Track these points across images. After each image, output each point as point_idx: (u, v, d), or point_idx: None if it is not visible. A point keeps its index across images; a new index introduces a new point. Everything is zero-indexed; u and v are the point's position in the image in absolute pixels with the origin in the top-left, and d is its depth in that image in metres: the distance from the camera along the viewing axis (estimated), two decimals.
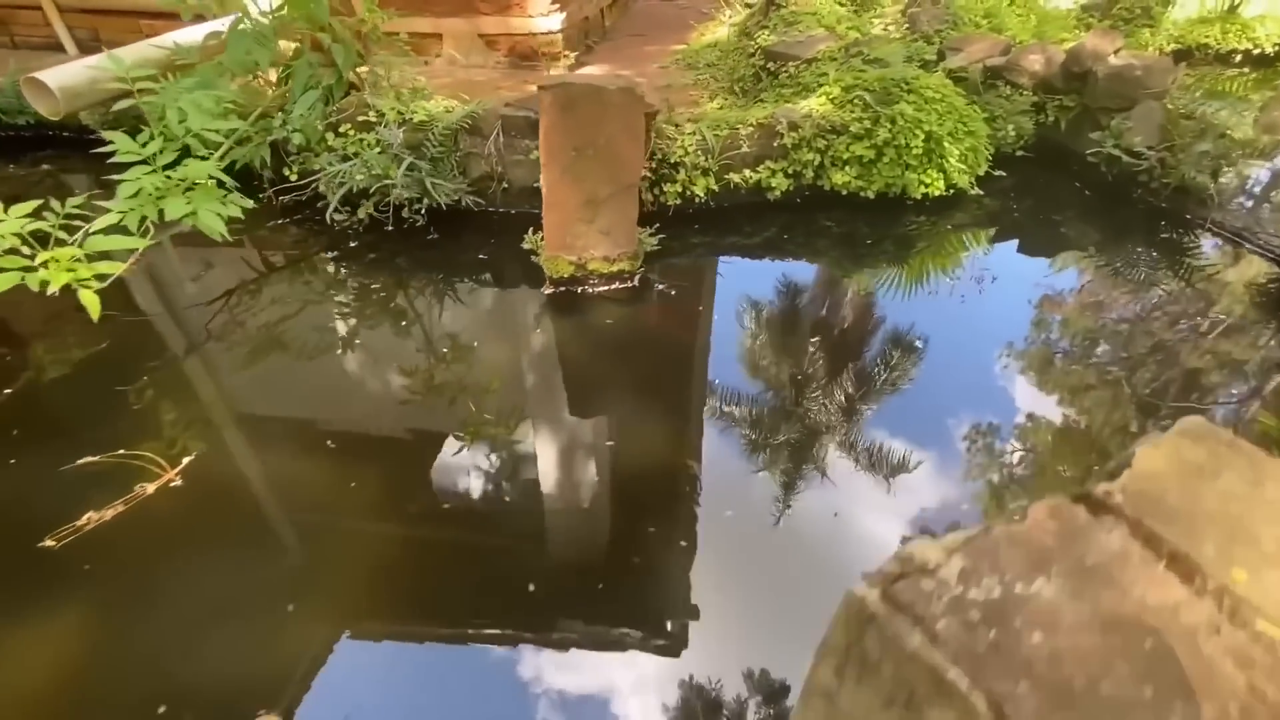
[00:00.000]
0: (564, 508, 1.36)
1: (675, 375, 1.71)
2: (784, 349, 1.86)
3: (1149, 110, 2.24)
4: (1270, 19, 4.40)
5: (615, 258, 1.77)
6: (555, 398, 1.62)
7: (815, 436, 1.54)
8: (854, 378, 1.70)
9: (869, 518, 1.34)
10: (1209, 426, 0.37)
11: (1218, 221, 2.12)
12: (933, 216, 2.30)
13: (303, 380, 1.62)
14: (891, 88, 2.19)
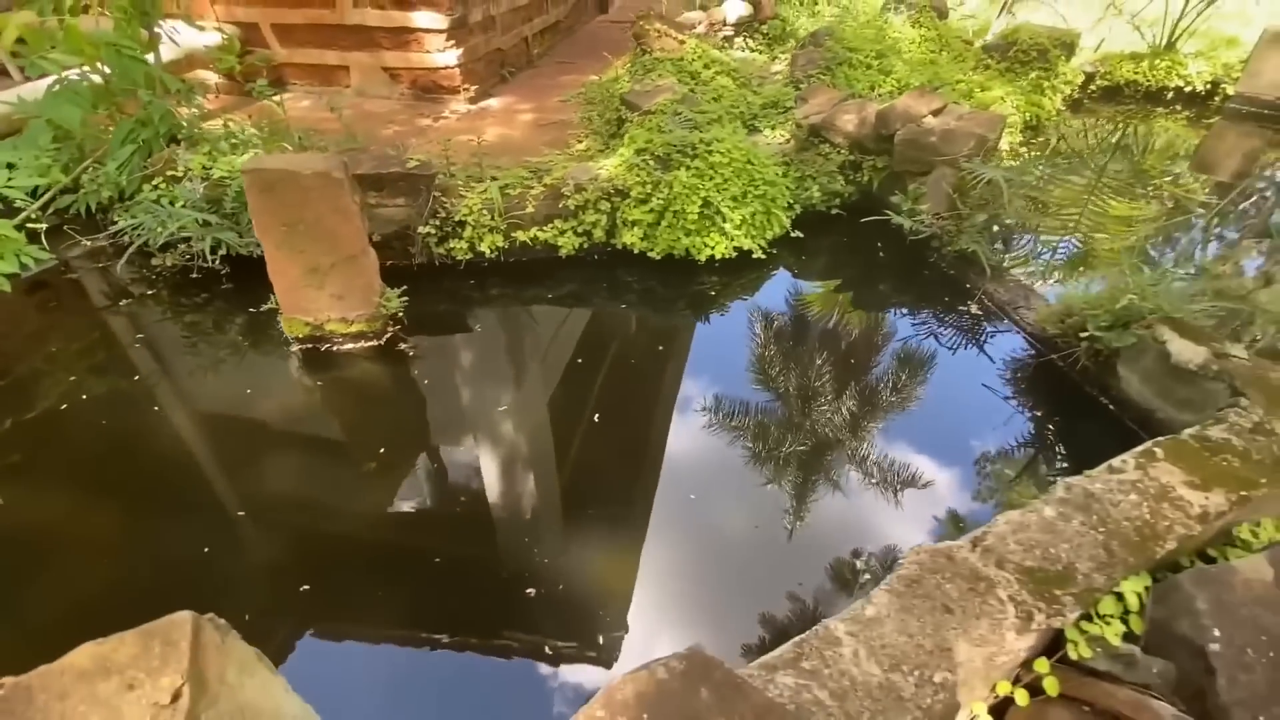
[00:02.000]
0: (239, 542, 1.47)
1: (400, 430, 1.81)
2: (537, 401, 1.95)
3: (941, 177, 2.24)
4: (1202, 57, 4.25)
5: (352, 319, 1.88)
6: (265, 447, 1.74)
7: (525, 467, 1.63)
8: (621, 435, 1.78)
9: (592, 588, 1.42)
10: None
11: (989, 293, 2.12)
12: (725, 277, 2.35)
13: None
14: (673, 153, 2.24)
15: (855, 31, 3.85)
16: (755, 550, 1.49)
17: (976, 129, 2.38)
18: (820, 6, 4.49)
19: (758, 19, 4.11)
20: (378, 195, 2.15)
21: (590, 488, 1.69)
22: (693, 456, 1.76)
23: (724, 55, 3.45)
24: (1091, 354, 1.73)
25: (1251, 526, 1.28)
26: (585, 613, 1.33)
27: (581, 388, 1.99)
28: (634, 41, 3.41)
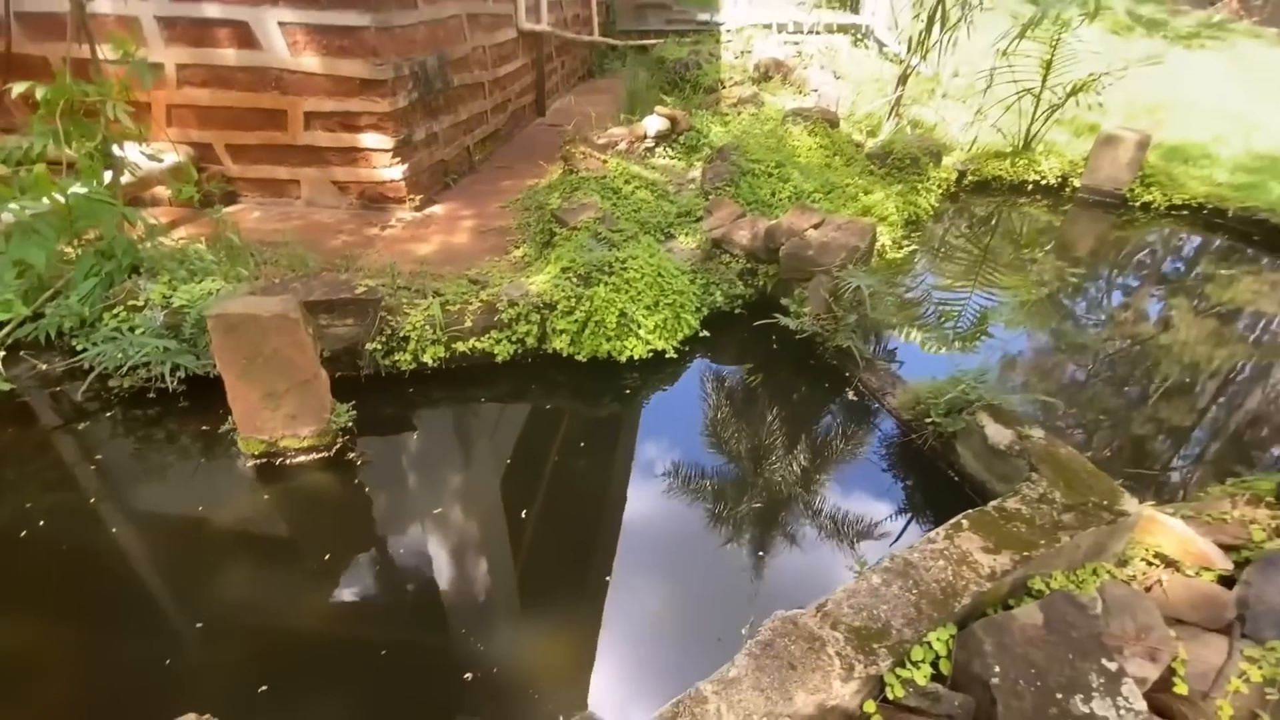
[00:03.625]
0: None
1: (349, 533, 2.01)
2: (488, 496, 2.18)
3: (819, 284, 2.66)
4: (1054, 155, 5.01)
5: (305, 436, 2.10)
6: (223, 558, 1.91)
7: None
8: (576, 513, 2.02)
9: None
10: None
11: (864, 381, 2.51)
12: (644, 373, 2.68)
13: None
14: (593, 272, 2.61)
15: (759, 142, 4.43)
16: (691, 617, 1.74)
17: (849, 240, 2.84)
18: (731, 118, 5.10)
19: (675, 131, 4.65)
20: (329, 318, 2.41)
21: (538, 573, 1.92)
22: (635, 530, 2.02)
23: (644, 170, 3.92)
24: (936, 435, 2.11)
25: (1044, 578, 1.62)
26: (541, 697, 1.53)
27: (522, 478, 2.25)
28: (563, 162, 3.84)
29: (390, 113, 3.79)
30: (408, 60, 3.89)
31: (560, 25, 6.91)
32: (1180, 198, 4.50)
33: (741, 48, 7.55)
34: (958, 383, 2.07)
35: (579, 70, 8.14)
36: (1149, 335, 3.38)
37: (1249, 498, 1.93)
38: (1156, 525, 1.74)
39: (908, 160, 4.26)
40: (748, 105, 5.34)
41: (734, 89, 5.81)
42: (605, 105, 6.75)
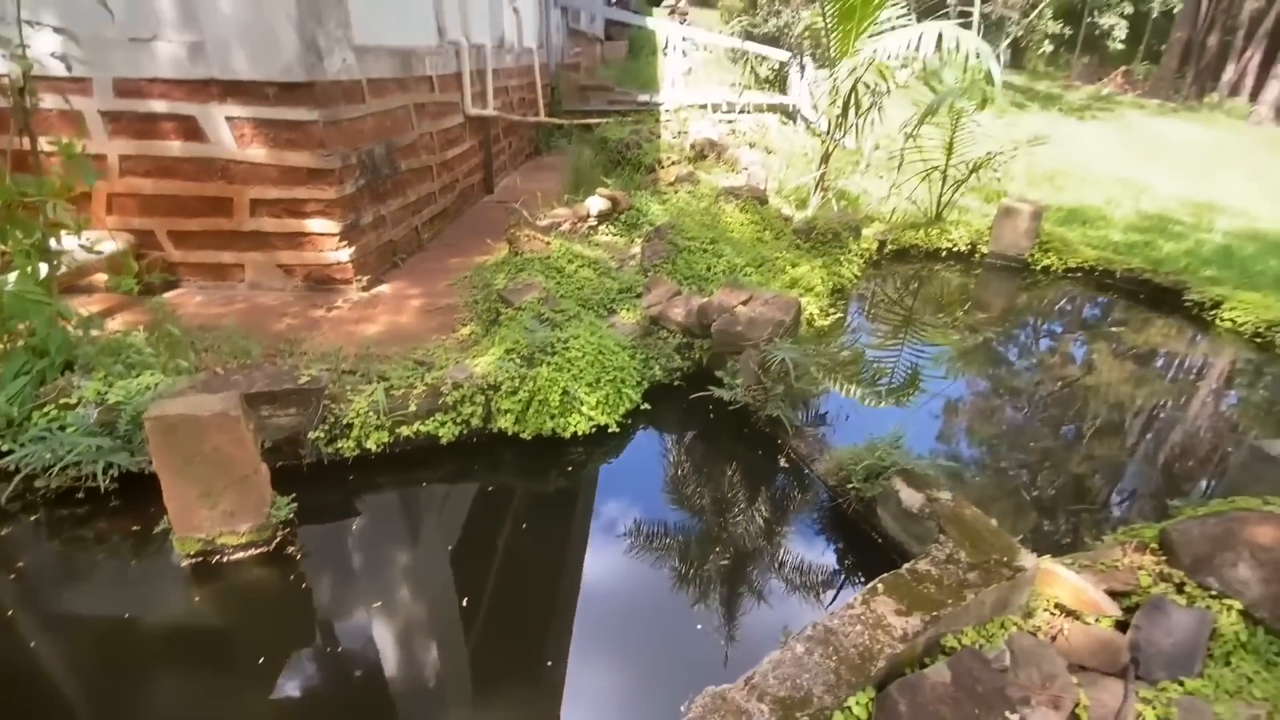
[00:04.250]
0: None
1: (288, 630, 1.98)
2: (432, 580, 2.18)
3: (749, 357, 2.84)
4: (962, 225, 5.48)
5: (243, 532, 2.09)
6: (160, 664, 1.86)
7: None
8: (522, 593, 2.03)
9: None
10: None
11: (794, 448, 2.66)
12: (589, 447, 2.77)
13: None
14: (536, 353, 2.73)
15: (695, 219, 4.73)
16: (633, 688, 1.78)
17: (775, 315, 3.05)
18: (669, 196, 5.43)
19: (617, 210, 4.92)
20: (271, 408, 2.43)
21: (488, 662, 1.93)
22: (585, 607, 2.06)
23: (586, 249, 4.12)
24: (858, 500, 2.25)
25: (956, 636, 1.74)
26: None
27: (469, 561, 2.27)
28: (508, 244, 4.02)
29: (337, 199, 3.91)
30: (355, 150, 4.05)
31: (507, 109, 7.28)
32: (1074, 261, 4.98)
33: (679, 128, 8.06)
34: (874, 449, 2.24)
35: (526, 149, 8.50)
36: (1052, 384, 3.69)
37: (1136, 545, 2.12)
38: (1054, 577, 1.90)
39: (830, 235, 4.61)
40: (684, 184, 5.69)
41: (672, 168, 6.20)
42: (551, 182, 7.07)
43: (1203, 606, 1.89)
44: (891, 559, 2.15)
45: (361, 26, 4.11)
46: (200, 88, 3.64)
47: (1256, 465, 2.22)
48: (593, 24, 13.64)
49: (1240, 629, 1.88)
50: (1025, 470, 2.94)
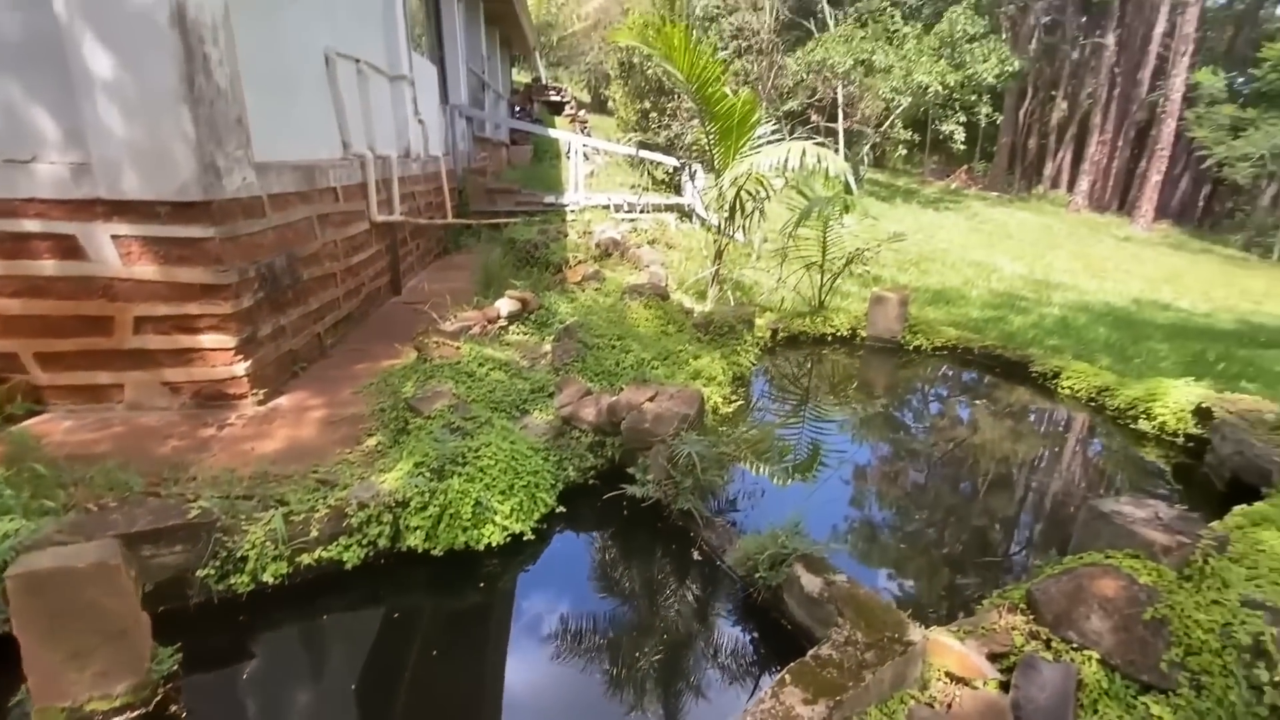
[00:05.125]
0: None
1: None
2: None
3: (658, 452, 2.98)
4: (842, 312, 6.05)
5: (118, 694, 1.90)
6: None
7: None
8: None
9: None
10: None
11: (705, 539, 2.77)
12: (505, 557, 2.74)
13: None
14: (446, 464, 2.74)
15: (602, 317, 4.96)
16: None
17: (680, 409, 3.24)
18: (577, 295, 5.67)
19: (526, 310, 5.07)
20: (154, 548, 2.27)
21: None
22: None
23: (497, 351, 4.21)
24: (766, 588, 2.37)
25: (860, 717, 1.85)
26: None
27: (378, 693, 2.14)
28: (416, 352, 4.04)
29: (233, 313, 3.81)
30: (254, 263, 4.01)
31: (414, 213, 7.43)
32: (940, 341, 5.62)
33: (584, 228, 8.51)
34: (776, 537, 2.39)
35: (434, 249, 8.63)
36: (923, 455, 4.07)
37: (1009, 606, 2.36)
38: (942, 647, 2.08)
39: (727, 327, 4.97)
40: (591, 282, 5.98)
41: (579, 267, 6.50)
42: (460, 280, 7.19)
43: (1067, 660, 2.12)
44: (801, 645, 2.26)
45: (263, 144, 4.18)
46: (83, 207, 3.53)
47: (1094, 522, 2.55)
48: (498, 131, 14.35)
49: (1101, 677, 2.12)
50: (904, 535, 3.20)
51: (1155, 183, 23.36)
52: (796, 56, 17.87)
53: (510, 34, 17.41)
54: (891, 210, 17.94)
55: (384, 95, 6.98)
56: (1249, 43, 26.48)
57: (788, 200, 6.39)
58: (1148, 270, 14.32)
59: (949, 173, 27.73)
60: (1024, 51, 25.10)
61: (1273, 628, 2.13)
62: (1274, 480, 3.26)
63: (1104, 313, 8.78)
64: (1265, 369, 6.73)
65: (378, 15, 6.92)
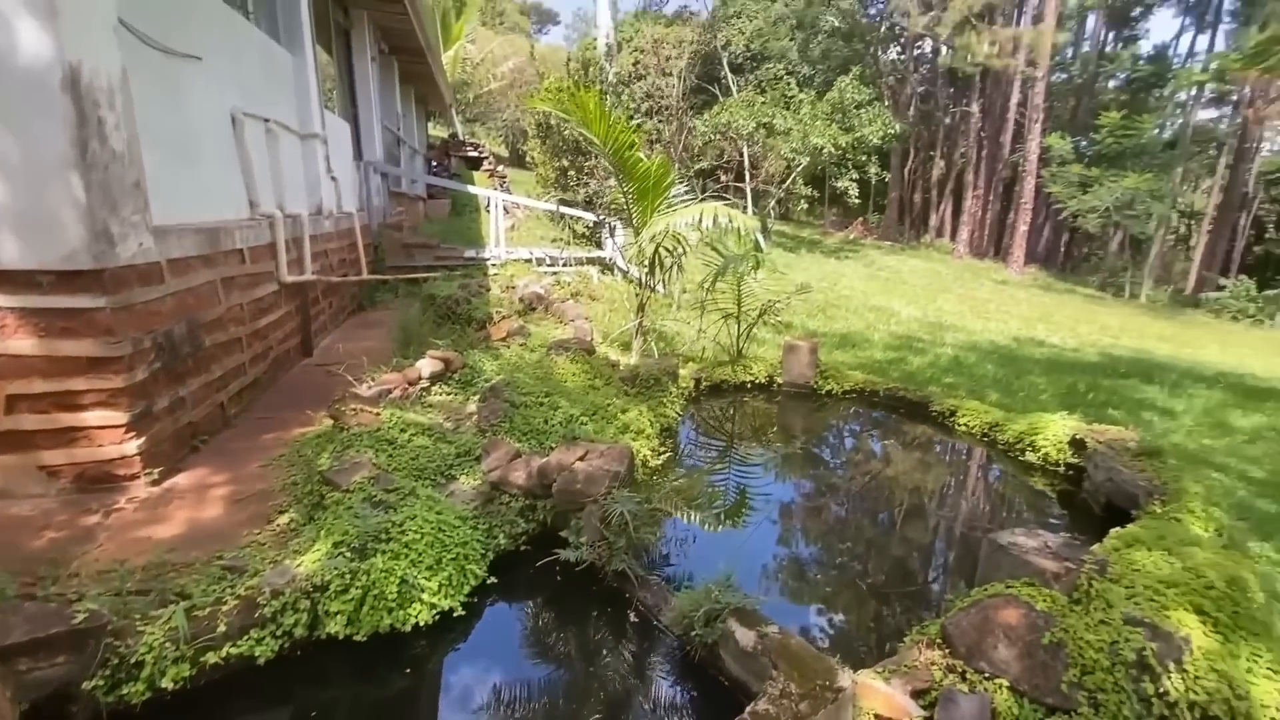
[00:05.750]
0: None
1: None
2: None
3: (590, 513, 2.98)
4: (760, 360, 6.33)
5: None
6: None
7: None
8: None
9: None
10: None
11: (641, 599, 2.78)
12: (434, 636, 2.63)
13: None
14: (369, 542, 2.63)
15: (529, 374, 4.95)
16: None
17: (611, 466, 3.27)
18: (502, 351, 5.65)
19: (449, 370, 4.99)
20: (31, 660, 2.02)
21: None
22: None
23: (419, 415, 4.10)
24: (702, 646, 2.41)
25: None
26: None
27: None
28: (332, 421, 3.87)
29: (125, 388, 3.53)
30: (150, 333, 3.75)
31: (326, 271, 7.20)
32: (848, 385, 5.99)
33: (506, 282, 8.52)
34: (710, 593, 2.44)
35: (349, 306, 8.35)
36: (845, 490, 4.29)
37: (927, 642, 2.51)
38: (869, 689, 2.18)
39: (652, 380, 5.09)
40: (516, 337, 5.97)
41: (503, 322, 6.49)
42: (377, 339, 6.99)
43: (981, 690, 2.27)
44: (739, 701, 2.30)
45: (164, 207, 3.99)
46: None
47: (995, 554, 2.78)
48: (414, 185, 14.24)
49: (1012, 704, 2.28)
50: (830, 571, 3.34)
51: (1023, 232, 26.24)
52: (704, 119, 19.01)
53: (426, 91, 17.53)
54: (798, 260, 19.10)
55: (295, 153, 6.83)
56: (1088, 111, 30.73)
57: (704, 256, 6.70)
58: (1023, 310, 15.90)
59: (847, 224, 29.98)
60: (904, 117, 27.95)
61: (1153, 643, 2.37)
62: (1141, 503, 3.67)
63: (990, 350, 9.65)
64: (1126, 397, 7.61)
65: (288, 75, 6.83)
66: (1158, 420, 6.80)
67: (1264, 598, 2.83)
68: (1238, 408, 7.59)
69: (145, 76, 3.90)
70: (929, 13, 26.40)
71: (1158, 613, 2.51)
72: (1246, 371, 10.59)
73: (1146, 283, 26.45)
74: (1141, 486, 3.71)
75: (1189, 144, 27.87)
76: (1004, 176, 29.87)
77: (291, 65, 6.92)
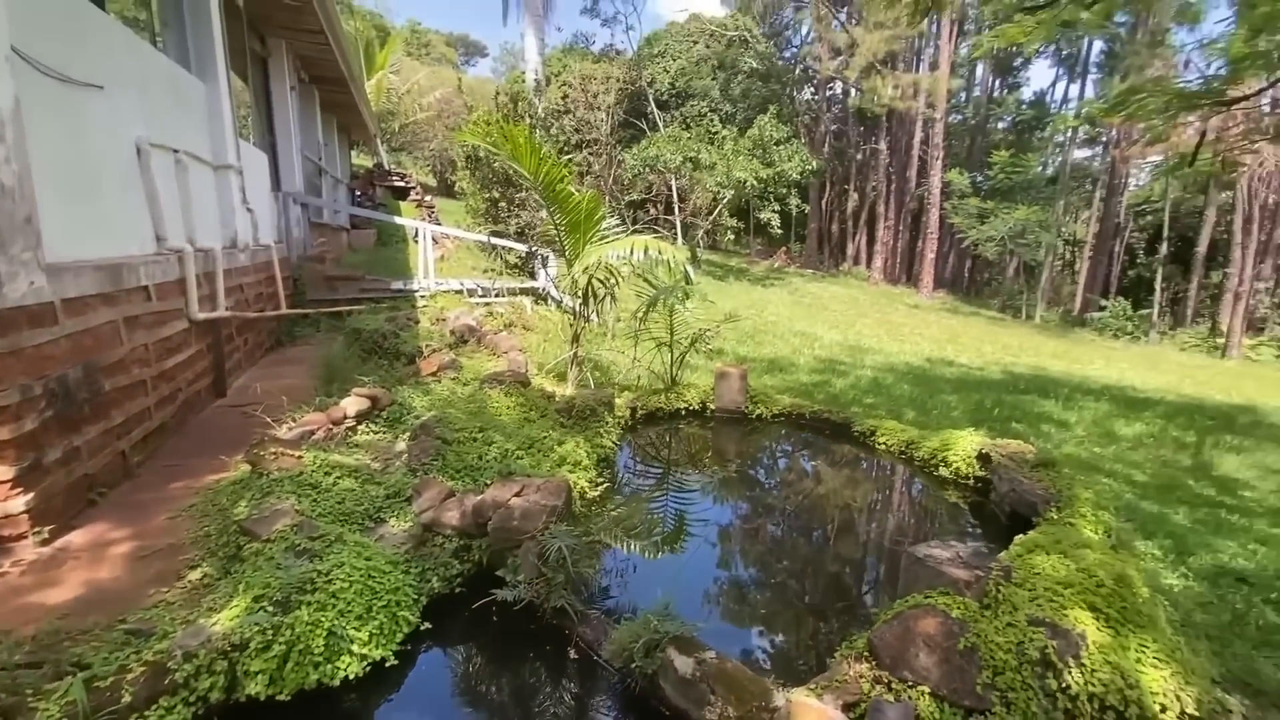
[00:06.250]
0: None
1: None
2: None
3: (528, 550, 2.96)
4: (693, 387, 6.48)
5: None
6: None
7: None
8: None
9: None
10: None
11: (581, 635, 2.77)
12: (364, 692, 2.52)
13: None
14: (292, 593, 2.51)
15: (461, 409, 4.87)
16: None
17: (548, 501, 3.26)
18: (433, 386, 5.53)
19: (377, 408, 4.84)
20: None
21: None
22: None
23: (345, 457, 3.95)
24: (643, 677, 2.43)
25: None
26: None
27: None
28: (250, 466, 3.68)
29: (12, 440, 3.24)
30: (41, 379, 3.47)
31: (241, 306, 6.85)
32: (777, 409, 6.22)
33: (436, 314, 8.37)
34: (649, 623, 2.47)
35: (266, 342, 7.95)
36: (779, 510, 4.44)
37: (856, 655, 2.63)
38: (804, 707, 2.25)
39: (588, 410, 5.12)
40: (447, 371, 5.87)
41: (433, 356, 6.36)
42: (298, 376, 6.68)
43: (905, 698, 2.40)
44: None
45: (59, 244, 3.73)
46: None
47: (914, 566, 2.96)
48: (337, 215, 13.82)
49: (934, 709, 2.41)
50: (766, 590, 3.45)
51: (931, 259, 28.23)
52: (633, 153, 19.51)
53: (349, 121, 17.15)
54: (728, 288, 19.74)
55: (207, 185, 6.53)
56: (982, 149, 33.66)
57: (637, 286, 6.84)
58: (934, 332, 17.02)
59: (771, 253, 31.29)
60: (820, 153, 29.67)
61: (1053, 640, 2.58)
62: (1040, 511, 3.99)
63: (906, 371, 10.26)
64: (1027, 411, 8.26)
65: (200, 104, 6.56)
66: (1054, 431, 7.41)
67: (1148, 592, 3.13)
68: (1121, 417, 8.38)
69: (41, 106, 3.67)
70: (838, 58, 28.37)
71: (1057, 612, 2.73)
72: (1128, 384, 11.72)
73: (1040, 305, 28.92)
74: (1039, 495, 4.04)
75: (1068, 179, 31.03)
76: (911, 208, 32.12)
77: (204, 94, 6.65)
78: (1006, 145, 31.93)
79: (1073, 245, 34.61)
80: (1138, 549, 4.39)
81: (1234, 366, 19.21)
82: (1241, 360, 21.13)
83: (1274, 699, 3.09)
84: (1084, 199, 33.90)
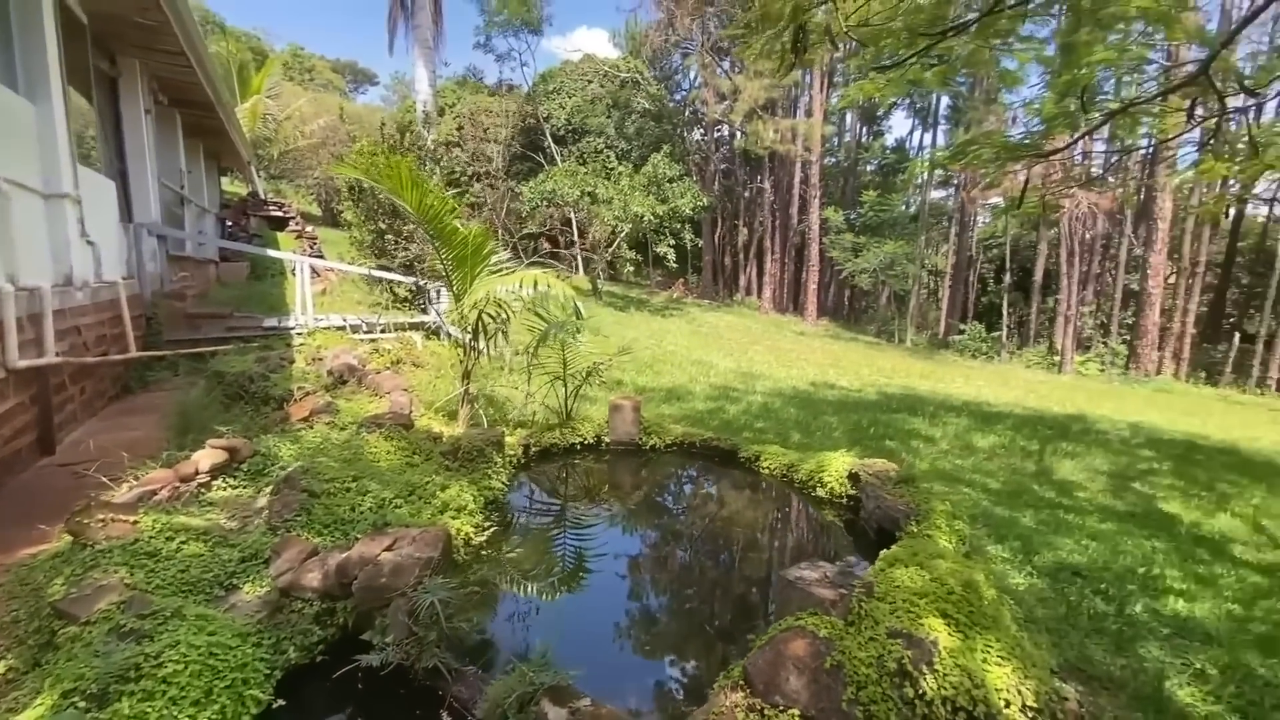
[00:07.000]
0: None
1: None
2: None
3: (397, 607, 2.79)
4: (588, 420, 6.47)
5: None
6: None
7: None
8: None
9: None
10: None
11: (456, 695, 2.64)
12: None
13: None
14: (113, 683, 2.21)
15: (335, 456, 4.56)
16: None
17: (423, 553, 3.11)
18: (304, 433, 5.15)
19: (236, 460, 4.43)
20: None
21: None
22: None
23: (193, 518, 3.57)
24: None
25: None
26: None
27: None
28: (72, 537, 3.23)
29: None
30: None
31: (77, 350, 6.09)
32: (670, 439, 6.34)
33: (313, 353, 7.85)
34: (524, 675, 2.39)
35: (110, 390, 7.09)
36: (672, 538, 4.50)
37: (732, 685, 2.68)
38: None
39: (476, 451, 4.97)
40: (322, 416, 5.50)
41: (306, 400, 5.94)
42: (146, 427, 6.01)
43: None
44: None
45: None
46: None
47: (785, 590, 3.08)
48: (203, 248, 12.71)
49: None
50: (661, 619, 3.46)
51: (814, 289, 30.26)
52: (530, 185, 19.54)
53: (218, 147, 15.94)
54: (629, 318, 20.04)
55: (36, 216, 5.81)
56: (854, 189, 36.82)
57: (529, 321, 6.78)
58: (818, 357, 18.12)
59: (670, 284, 32.27)
60: (710, 190, 31.20)
61: (909, 650, 2.76)
62: (902, 525, 4.31)
63: (793, 395, 10.82)
64: (899, 429, 8.93)
65: (28, 127, 5.86)
66: (923, 446, 8.07)
67: (994, 594, 3.44)
68: (979, 431, 9.27)
69: None
70: (724, 102, 30.15)
71: (913, 622, 2.93)
72: (983, 400, 13.02)
73: (910, 330, 31.68)
74: (901, 510, 4.36)
75: (928, 217, 34.58)
76: (795, 242, 34.38)
77: (34, 116, 5.95)
78: (874, 186, 35.22)
79: (935, 275, 38.34)
80: (989, 553, 4.84)
81: (1068, 381, 21.89)
82: (1074, 375, 24.14)
83: (1103, 683, 3.47)
84: (942, 234, 37.80)
